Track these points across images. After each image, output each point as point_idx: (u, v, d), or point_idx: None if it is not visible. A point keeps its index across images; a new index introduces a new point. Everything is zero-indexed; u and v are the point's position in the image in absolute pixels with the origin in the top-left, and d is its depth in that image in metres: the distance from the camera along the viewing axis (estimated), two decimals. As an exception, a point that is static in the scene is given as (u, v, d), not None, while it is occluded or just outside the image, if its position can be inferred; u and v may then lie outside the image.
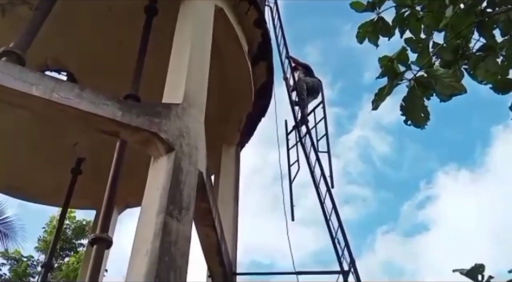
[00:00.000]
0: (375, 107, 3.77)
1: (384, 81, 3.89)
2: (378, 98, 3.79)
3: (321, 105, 8.70)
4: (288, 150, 7.87)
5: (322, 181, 6.99)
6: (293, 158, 7.71)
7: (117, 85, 6.22)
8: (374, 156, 44.90)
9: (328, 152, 7.77)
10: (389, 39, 4.28)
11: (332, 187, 7.01)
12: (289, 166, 7.68)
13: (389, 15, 4.30)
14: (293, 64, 9.59)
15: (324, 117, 8.34)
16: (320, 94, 9.24)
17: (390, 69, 3.79)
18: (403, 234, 43.96)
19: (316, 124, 8.28)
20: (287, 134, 8.09)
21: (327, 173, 7.13)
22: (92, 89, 4.22)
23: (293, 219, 6.97)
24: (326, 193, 6.61)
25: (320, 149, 7.78)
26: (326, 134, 7.99)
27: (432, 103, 3.93)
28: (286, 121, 8.24)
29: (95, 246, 4.68)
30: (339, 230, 6.13)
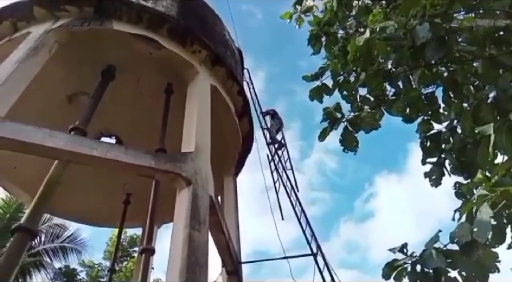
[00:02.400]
0: (321, 140, 3.82)
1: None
2: (322, 135, 3.85)
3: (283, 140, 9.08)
4: (272, 172, 8.09)
5: (293, 193, 7.03)
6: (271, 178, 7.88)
7: (150, 142, 6.24)
8: (327, 170, 45.04)
9: (291, 168, 8.02)
10: (330, 97, 4.37)
11: (298, 191, 7.16)
12: (274, 183, 7.86)
13: (329, 80, 4.40)
14: (264, 112, 9.94)
15: (285, 146, 8.61)
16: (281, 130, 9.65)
17: (331, 116, 3.85)
18: (357, 220, 43.66)
19: (282, 152, 8.54)
20: (270, 163, 8.33)
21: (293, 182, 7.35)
22: (133, 148, 4.20)
23: (283, 219, 6.98)
24: (296, 201, 6.60)
25: (289, 166, 8.11)
26: (289, 158, 8.28)
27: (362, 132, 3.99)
28: (267, 155, 8.57)
29: (143, 255, 4.59)
30: (308, 225, 6.08)
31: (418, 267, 2.46)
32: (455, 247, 2.40)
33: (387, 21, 3.15)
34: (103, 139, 6.94)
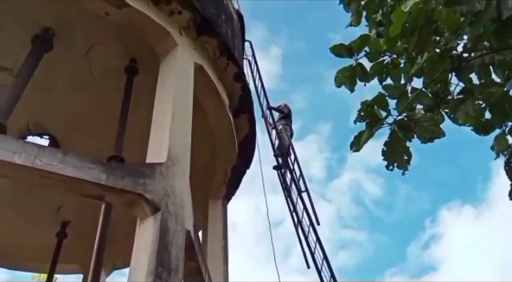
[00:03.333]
0: (355, 150, 3.81)
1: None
2: (358, 142, 3.83)
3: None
4: (287, 199, 8.15)
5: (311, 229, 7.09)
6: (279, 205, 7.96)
7: (100, 146, 6.27)
8: (367, 198, 44.46)
9: (306, 190, 8.09)
10: (365, 85, 4.36)
11: (318, 224, 7.24)
12: (291, 213, 7.91)
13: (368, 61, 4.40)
14: (274, 108, 10.09)
15: (296, 159, 8.71)
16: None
17: (370, 114, 3.84)
18: (412, 275, 43.02)
19: (293, 167, 8.63)
20: (283, 186, 8.42)
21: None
22: (75, 154, 4.22)
23: (308, 267, 7.05)
24: (316, 242, 6.62)
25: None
26: (301, 175, 8.35)
27: (416, 143, 3.99)
28: (278, 173, 8.67)
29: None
30: (332, 280, 6.10)
31: None
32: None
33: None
34: (31, 139, 6.98)
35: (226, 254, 6.46)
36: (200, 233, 6.50)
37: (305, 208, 7.82)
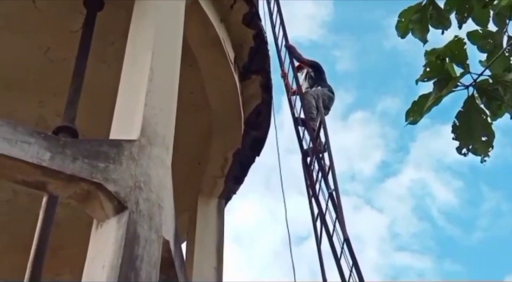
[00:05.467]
0: (413, 121, 3.76)
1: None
2: (419, 109, 3.77)
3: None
4: (310, 202, 8.13)
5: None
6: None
7: (44, 112, 6.23)
8: (435, 209, 43.18)
9: (336, 189, 8.07)
10: (443, 33, 4.30)
11: (345, 238, 7.27)
12: (315, 226, 7.92)
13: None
14: (296, 63, 9.90)
15: (327, 142, 8.58)
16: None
17: (440, 70, 3.77)
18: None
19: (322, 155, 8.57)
20: (308, 187, 8.39)
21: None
22: (6, 121, 4.18)
23: None
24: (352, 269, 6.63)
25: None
26: (332, 166, 8.26)
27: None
28: (304, 168, 8.63)
29: None
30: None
31: None
32: None
33: None
34: None
35: (220, 278, 6.46)
36: (184, 245, 6.50)
37: (337, 217, 7.79)
